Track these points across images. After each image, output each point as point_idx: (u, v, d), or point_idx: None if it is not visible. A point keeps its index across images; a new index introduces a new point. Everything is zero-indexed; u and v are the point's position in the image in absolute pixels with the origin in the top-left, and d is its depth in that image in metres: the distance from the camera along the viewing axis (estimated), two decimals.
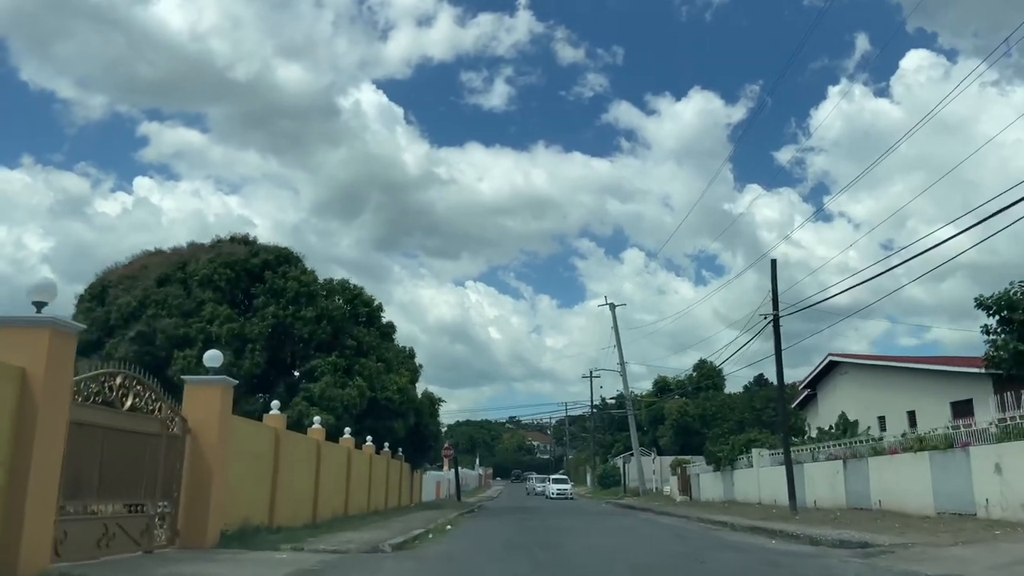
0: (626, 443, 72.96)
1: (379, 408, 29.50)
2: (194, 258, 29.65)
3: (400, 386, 29.81)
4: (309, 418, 26.00)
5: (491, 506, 38.84)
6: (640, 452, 46.23)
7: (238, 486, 13.55)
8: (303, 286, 28.26)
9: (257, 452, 14.82)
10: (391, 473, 30.13)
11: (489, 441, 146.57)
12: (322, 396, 26.76)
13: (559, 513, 29.41)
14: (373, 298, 31.62)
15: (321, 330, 27.91)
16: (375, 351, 30.34)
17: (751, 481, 26.83)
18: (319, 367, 27.62)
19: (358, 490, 23.92)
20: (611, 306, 47.02)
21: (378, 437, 29.50)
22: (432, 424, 36.24)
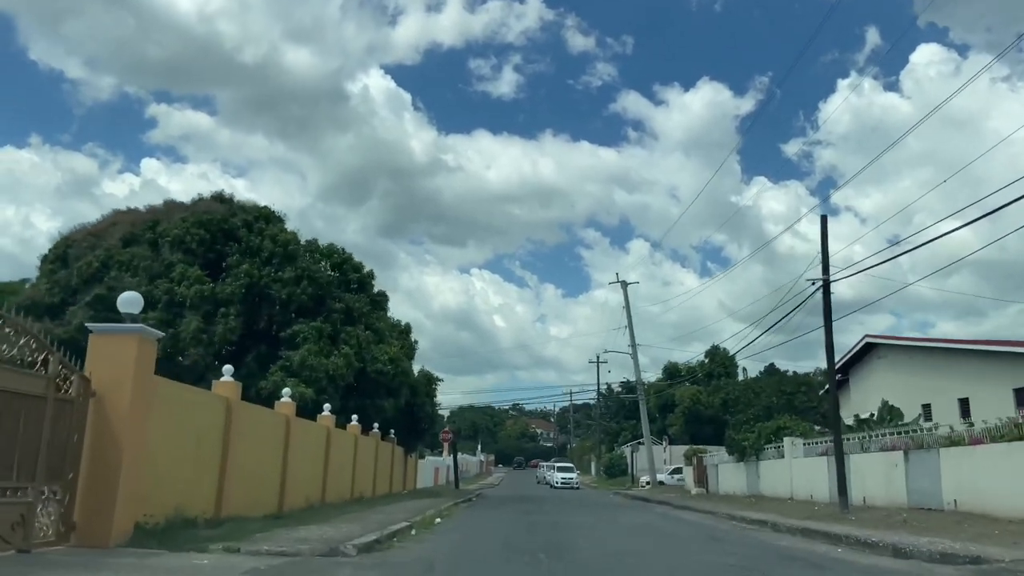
0: (634, 431, 70.13)
1: (368, 383, 26.72)
2: (167, 217, 26.89)
3: (392, 356, 26.98)
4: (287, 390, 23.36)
5: (491, 494, 36.12)
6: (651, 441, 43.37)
7: (168, 468, 10.73)
8: (279, 245, 25.41)
9: (199, 426, 12.00)
10: (381, 457, 27.37)
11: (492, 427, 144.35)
12: (303, 365, 23.97)
13: (565, 505, 26.62)
14: (363, 265, 28.76)
15: (301, 291, 25.08)
16: (364, 319, 27.53)
17: (781, 473, 23.95)
18: (301, 333, 24.80)
19: (339, 475, 21.15)
20: (623, 284, 44.06)
21: (366, 416, 26.71)
22: (429, 405, 33.45)
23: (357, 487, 23.38)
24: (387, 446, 29.39)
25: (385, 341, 28.08)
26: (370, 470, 25.84)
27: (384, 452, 28.40)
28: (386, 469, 28.96)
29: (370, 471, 25.84)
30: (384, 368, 26.50)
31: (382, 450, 27.91)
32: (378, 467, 26.89)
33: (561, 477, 49.18)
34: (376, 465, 26.60)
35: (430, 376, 34.17)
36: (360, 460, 23.79)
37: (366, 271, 28.51)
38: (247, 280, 24.67)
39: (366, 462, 25.13)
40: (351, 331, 26.52)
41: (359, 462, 23.62)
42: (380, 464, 27.39)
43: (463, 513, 20.29)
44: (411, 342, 32.33)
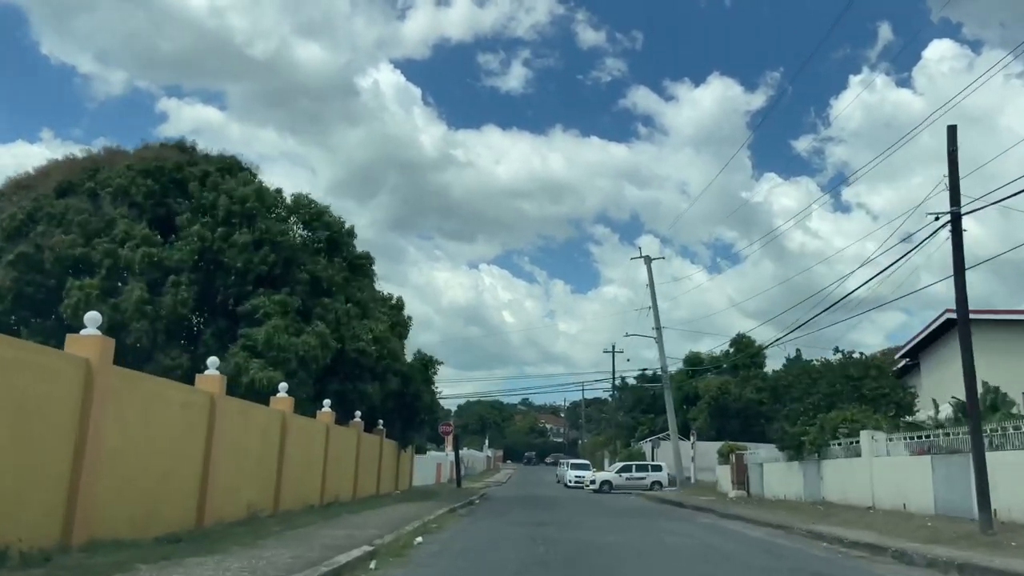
0: (652, 425, 65.40)
1: (348, 365, 22.25)
2: (111, 165, 22.48)
3: (377, 334, 22.50)
4: (249, 374, 18.94)
5: (497, 495, 31.63)
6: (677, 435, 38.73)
7: None
8: (236, 202, 20.95)
9: (25, 407, 7.55)
10: (365, 451, 22.89)
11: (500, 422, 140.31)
12: (268, 344, 19.60)
13: (585, 510, 22.10)
14: (342, 221, 24.25)
15: (261, 260, 20.69)
16: (342, 290, 23.05)
17: (858, 476, 19.27)
18: (262, 307, 20.39)
19: (301, 474, 16.68)
20: (646, 259, 39.39)
21: (347, 403, 22.27)
22: (426, 392, 28.95)
23: (329, 489, 18.91)
24: (373, 439, 24.93)
25: (371, 316, 23.63)
26: (349, 468, 21.38)
27: (369, 446, 23.93)
28: (372, 466, 24.49)
29: (349, 469, 21.38)
30: (367, 348, 22.06)
31: (366, 444, 23.44)
32: (361, 464, 22.42)
33: (575, 475, 44.52)
34: (358, 462, 22.13)
35: (427, 359, 29.69)
36: (334, 456, 19.32)
37: (344, 228, 24.00)
38: (199, 244, 20.30)
39: (343, 458, 20.67)
40: (327, 304, 22.09)
41: (333, 458, 19.15)
42: (364, 460, 22.92)
43: (456, 525, 15.76)
44: (404, 319, 27.89)
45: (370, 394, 22.33)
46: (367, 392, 22.28)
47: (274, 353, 19.70)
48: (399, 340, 25.01)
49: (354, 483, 21.77)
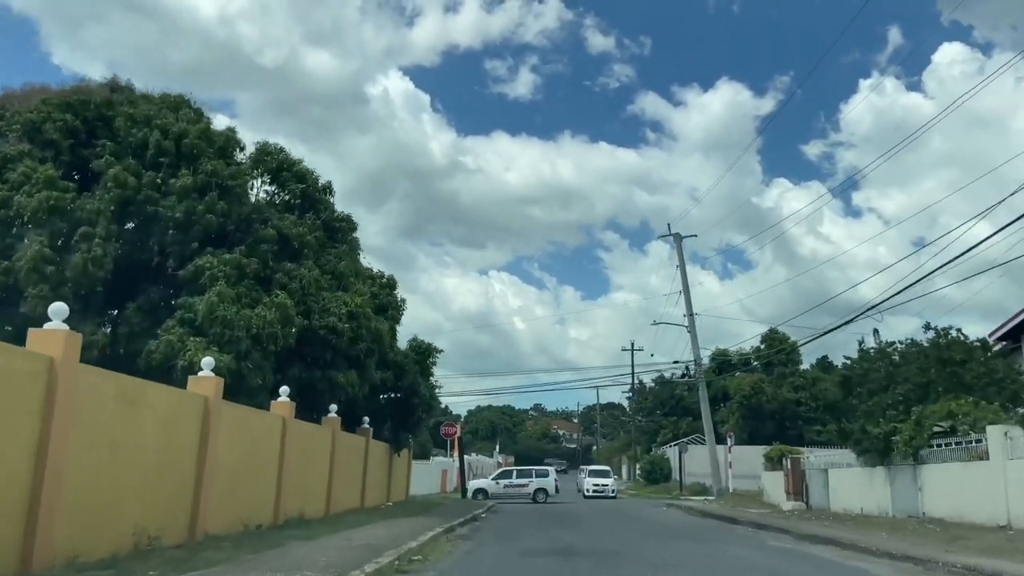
0: (675, 429, 60.69)
1: (316, 346, 17.89)
2: (26, 102, 18.27)
3: (353, 308, 18.12)
4: (185, 357, 14.69)
5: (507, 507, 27.13)
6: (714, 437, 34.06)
7: None
8: (171, 138, 16.71)
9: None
10: (342, 454, 18.45)
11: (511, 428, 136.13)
12: (210, 318, 15.30)
13: (618, 528, 17.61)
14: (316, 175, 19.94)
15: (208, 208, 16.41)
16: (315, 254, 18.73)
17: (981, 485, 14.64)
18: (208, 270, 16.09)
19: (244, 484, 12.29)
20: (676, 236, 34.85)
21: (317, 395, 17.94)
22: (423, 387, 24.50)
23: (288, 503, 14.49)
24: (355, 440, 20.55)
25: (348, 288, 19.26)
26: (319, 475, 16.97)
27: (349, 448, 19.52)
28: (353, 473, 20.09)
29: (319, 477, 16.97)
30: (337, 324, 17.64)
31: (346, 446, 19.03)
32: (337, 470, 18.00)
33: (593, 483, 39.77)
34: (333, 467, 17.70)
35: (425, 347, 25.27)
36: (296, 460, 14.91)
37: (314, 178, 19.65)
38: (118, 191, 16.03)
39: (311, 463, 16.27)
40: (292, 270, 17.77)
41: (293, 462, 14.74)
42: (341, 466, 18.51)
43: (449, 557, 11.27)
44: (396, 301, 23.49)
45: (342, 383, 17.90)
46: (338, 381, 17.86)
47: (218, 329, 15.40)
48: (387, 322, 20.60)
49: (327, 494, 17.36)
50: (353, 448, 19.99)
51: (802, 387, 47.82)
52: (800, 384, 47.95)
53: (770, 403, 47.39)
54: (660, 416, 64.47)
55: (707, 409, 33.66)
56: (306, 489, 15.88)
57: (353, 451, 19.96)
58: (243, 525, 12.07)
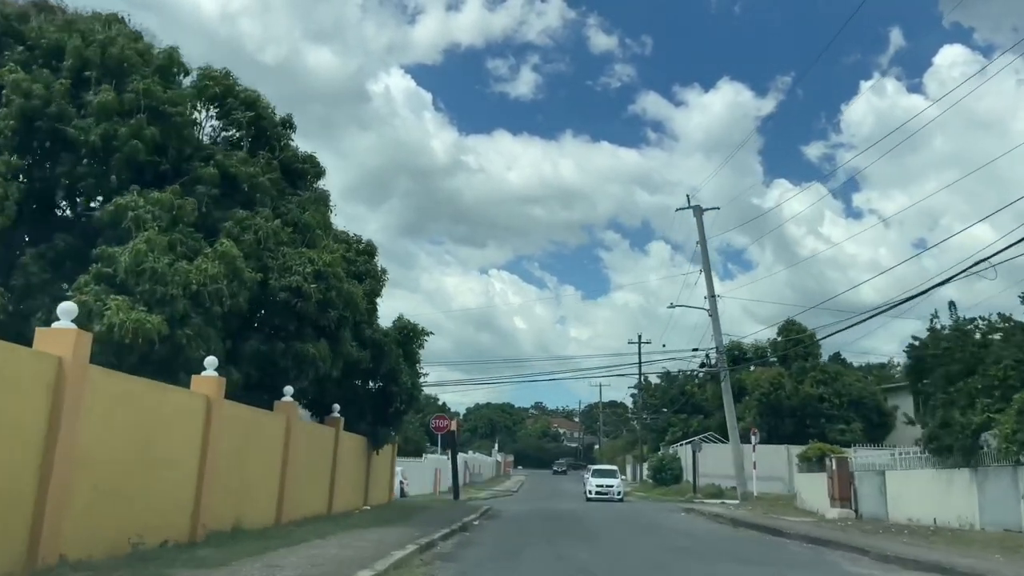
0: (685, 427, 57.17)
1: (276, 312, 14.41)
2: None
3: (321, 267, 14.64)
4: (105, 319, 11.22)
5: (505, 510, 23.64)
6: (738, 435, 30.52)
7: None
8: (93, 45, 13.25)
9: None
10: (298, 449, 14.87)
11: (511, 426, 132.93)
12: (138, 272, 11.87)
13: (642, 544, 14.13)
14: (273, 108, 16.44)
15: (133, 133, 12.99)
16: (270, 199, 15.26)
17: None
18: (130, 209, 12.67)
19: (126, 488, 8.76)
20: (696, 209, 31.36)
21: (277, 374, 14.48)
22: (406, 373, 20.93)
23: (216, 511, 10.98)
24: (322, 432, 17.08)
25: (316, 245, 15.78)
26: (268, 474, 13.45)
27: (312, 442, 15.99)
28: (318, 472, 16.58)
29: (268, 476, 13.44)
30: (302, 285, 14.16)
31: (308, 438, 15.49)
32: (293, 468, 14.46)
33: (596, 484, 35.79)
34: (287, 464, 14.16)
35: (408, 327, 21.73)
36: (226, 454, 11.41)
37: (270, 110, 16.15)
38: (24, 100, 12.66)
39: (255, 459, 12.76)
40: (245, 219, 14.32)
41: (221, 458, 11.24)
42: (301, 463, 14.99)
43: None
44: (376, 270, 20.04)
45: (311, 356, 14.39)
46: (306, 354, 14.35)
47: (147, 286, 11.97)
48: (360, 288, 17.08)
49: (278, 498, 13.85)
50: (318, 441, 16.49)
51: (824, 382, 44.28)
52: (822, 379, 44.39)
53: (790, 399, 43.85)
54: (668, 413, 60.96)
55: (730, 402, 30.17)
56: (245, 492, 12.38)
57: (318, 445, 16.46)
58: (131, 544, 8.56)
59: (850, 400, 43.43)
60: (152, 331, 11.49)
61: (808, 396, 43.47)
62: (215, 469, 10.91)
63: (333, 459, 17.45)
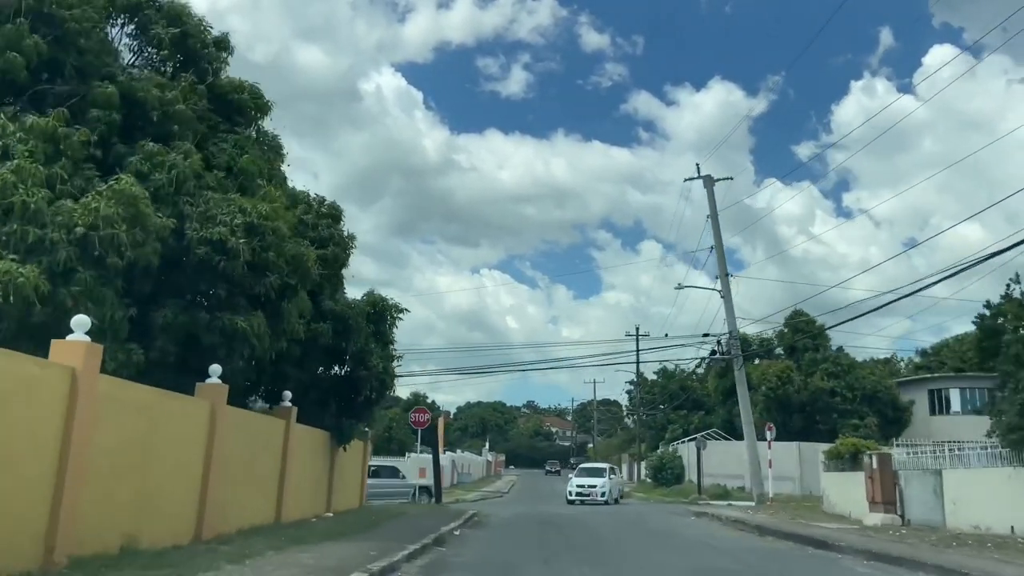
0: (685, 424, 54.28)
1: (200, 273, 11.32)
2: None
3: (255, 220, 11.52)
4: None
5: (494, 516, 20.65)
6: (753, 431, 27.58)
7: None
8: None
9: None
10: (228, 444, 11.76)
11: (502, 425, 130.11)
12: (3, 210, 8.80)
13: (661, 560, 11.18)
14: (206, 26, 13.33)
15: (6, 39, 9.95)
16: (194, 135, 12.17)
17: None
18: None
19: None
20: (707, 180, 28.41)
21: (203, 352, 11.41)
22: (376, 355, 17.85)
23: (91, 527, 7.93)
24: (267, 424, 13.98)
25: (254, 190, 12.70)
26: (181, 476, 10.34)
27: (251, 437, 12.90)
28: (262, 473, 13.50)
29: (181, 479, 10.34)
30: (228, 239, 11.08)
31: (240, 432, 12.39)
32: (222, 468, 11.37)
33: (577, 485, 31.62)
34: (211, 464, 11.06)
35: (380, 302, 18.65)
36: (105, 451, 8.35)
37: (210, 33, 13.08)
38: None
39: (159, 457, 9.67)
40: (156, 154, 11.25)
41: (104, 457, 8.20)
42: (235, 462, 11.92)
43: None
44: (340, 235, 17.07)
45: (242, 332, 11.30)
46: (235, 328, 11.27)
47: (17, 227, 9.03)
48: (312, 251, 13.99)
49: (198, 507, 10.77)
50: (261, 435, 13.42)
51: (836, 374, 41.48)
52: (834, 371, 41.59)
53: (799, 394, 41.03)
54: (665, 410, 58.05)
55: (745, 394, 27.23)
56: (145, 501, 9.32)
57: (261, 439, 13.39)
58: None
59: (863, 394, 40.68)
60: (27, 286, 8.53)
61: (819, 390, 40.69)
62: (86, 471, 7.85)
63: (282, 457, 14.37)
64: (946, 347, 51.88)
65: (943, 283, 17.72)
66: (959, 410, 43.63)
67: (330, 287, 17.04)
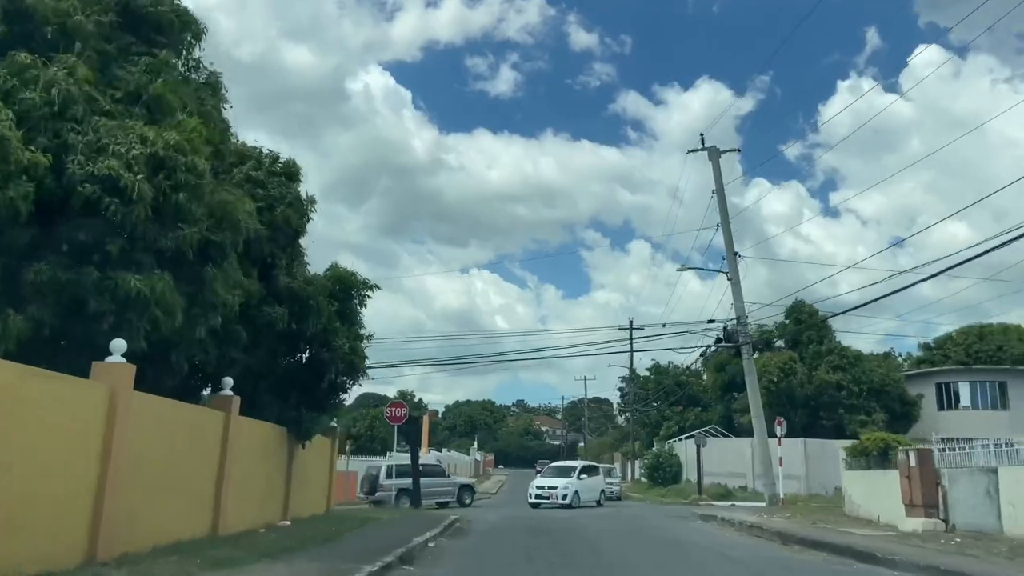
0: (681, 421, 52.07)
1: (80, 219, 8.86)
2: None
3: (160, 151, 8.98)
4: None
5: (480, 522, 18.29)
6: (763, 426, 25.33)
7: None
8: None
9: None
10: (135, 440, 9.32)
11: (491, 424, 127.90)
12: None
13: None
14: None
15: None
16: (96, 54, 9.67)
17: None
18: None
19: None
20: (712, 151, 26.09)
21: (88, 326, 8.94)
22: (341, 336, 15.42)
23: None
24: (197, 416, 11.51)
25: (162, 123, 10.19)
26: (72, 483, 7.91)
27: (174, 432, 10.46)
28: (192, 475, 11.05)
29: (71, 487, 7.91)
30: (118, 174, 8.58)
31: (160, 425, 9.96)
32: (126, 470, 8.93)
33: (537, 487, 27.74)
34: (107, 466, 8.60)
35: (346, 277, 16.21)
36: None
37: None
38: None
39: (35, 459, 7.24)
40: (26, 66, 8.74)
41: None
42: (150, 462, 9.52)
43: None
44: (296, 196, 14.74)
45: (139, 297, 8.85)
46: (129, 293, 8.80)
47: None
48: (247, 202, 11.56)
49: (91, 521, 8.33)
50: (187, 430, 10.97)
51: (841, 367, 39.36)
52: (840, 364, 39.46)
53: (802, 387, 38.89)
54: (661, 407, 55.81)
55: (754, 383, 25.04)
56: (6, 518, 6.90)
57: (188, 435, 10.95)
58: None
59: (870, 388, 38.59)
60: None
61: (824, 383, 38.56)
62: None
63: (221, 456, 11.96)
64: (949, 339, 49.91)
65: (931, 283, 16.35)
66: (969, 405, 41.69)
67: (286, 259, 14.67)
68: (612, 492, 35.55)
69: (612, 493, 35.51)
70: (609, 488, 35.12)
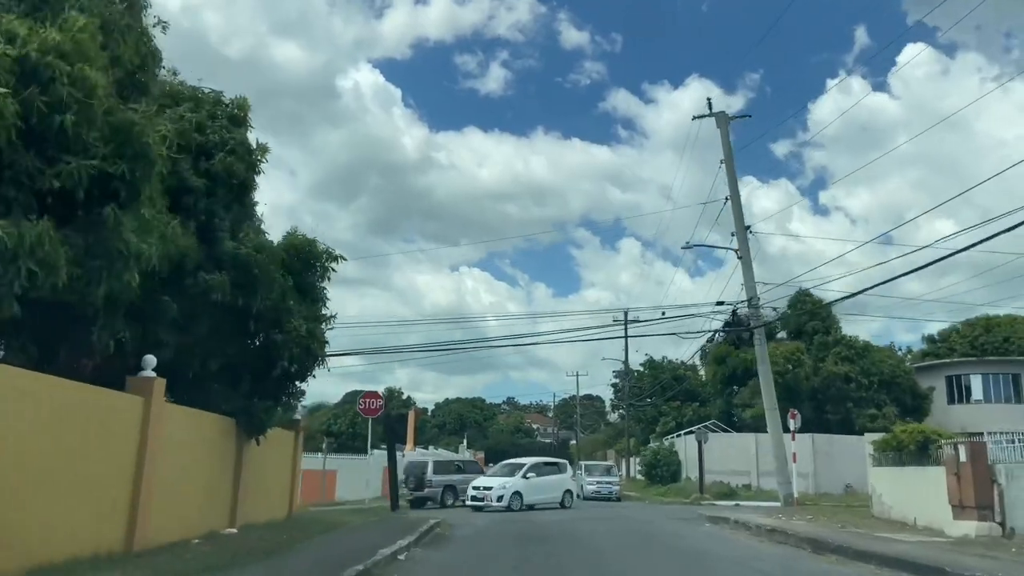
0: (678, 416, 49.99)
1: None
2: None
3: (38, 55, 6.58)
4: None
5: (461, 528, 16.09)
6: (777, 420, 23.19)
7: None
8: None
9: None
10: (16, 431, 7.09)
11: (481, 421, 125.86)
12: None
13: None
14: None
15: None
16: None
17: None
18: None
19: None
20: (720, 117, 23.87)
21: None
22: (297, 313, 13.16)
23: None
24: (110, 402, 9.20)
25: (55, 21, 7.81)
26: None
27: (79, 422, 8.19)
28: (103, 475, 8.79)
29: None
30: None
31: (39, 407, 7.70)
32: None
33: (473, 487, 25.02)
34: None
35: (305, 245, 13.93)
36: None
37: None
38: None
39: None
40: None
41: None
42: (28, 456, 7.27)
43: None
44: (245, 143, 12.45)
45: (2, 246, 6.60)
46: (17, 247, 6.55)
47: None
48: (155, 120, 9.26)
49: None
50: (86, 419, 8.69)
51: (850, 359, 37.36)
52: (848, 355, 37.47)
53: (809, 380, 36.85)
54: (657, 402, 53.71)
55: (767, 372, 22.86)
56: None
57: (86, 426, 8.67)
58: None
59: (880, 380, 36.61)
60: None
61: (832, 375, 36.55)
62: None
63: (139, 452, 9.68)
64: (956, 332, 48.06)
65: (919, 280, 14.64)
66: (981, 398, 39.86)
67: (230, 219, 12.39)
68: (611, 492, 33.55)
69: (612, 493, 33.51)
70: (608, 488, 33.06)
